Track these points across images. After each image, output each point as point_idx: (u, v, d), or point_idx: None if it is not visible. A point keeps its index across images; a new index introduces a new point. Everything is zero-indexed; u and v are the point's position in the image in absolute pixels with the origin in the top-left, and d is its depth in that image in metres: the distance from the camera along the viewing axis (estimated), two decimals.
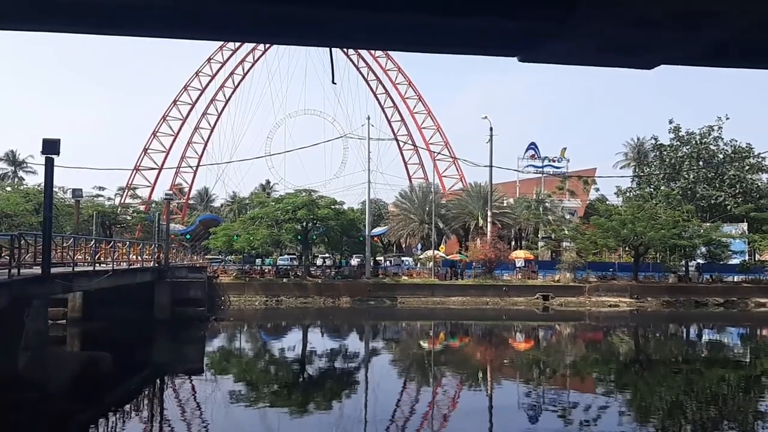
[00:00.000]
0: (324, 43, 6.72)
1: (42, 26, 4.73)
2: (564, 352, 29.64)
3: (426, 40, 5.89)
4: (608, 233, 50.77)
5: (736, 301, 48.76)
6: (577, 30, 5.75)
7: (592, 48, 6.54)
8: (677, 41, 6.25)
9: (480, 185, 64.45)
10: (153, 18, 4.49)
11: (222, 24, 4.73)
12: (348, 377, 22.40)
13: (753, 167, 68.04)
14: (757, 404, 18.77)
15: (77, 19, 4.37)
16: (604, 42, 6.25)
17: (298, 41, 5.95)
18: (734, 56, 9.17)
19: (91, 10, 4.25)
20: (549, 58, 7.67)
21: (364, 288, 47.94)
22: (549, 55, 7.21)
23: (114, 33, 5.02)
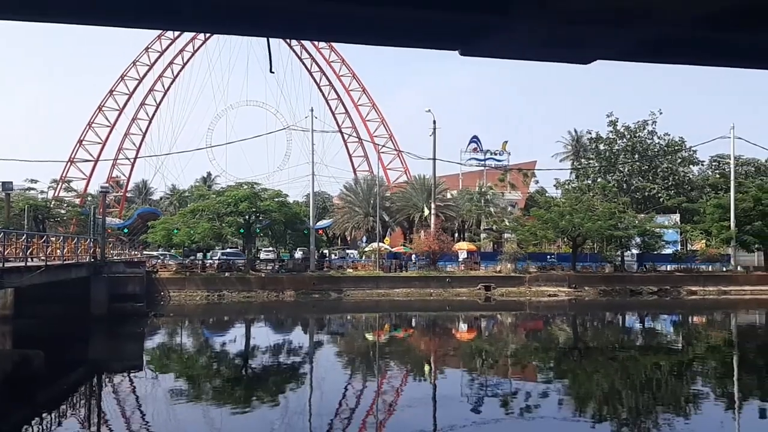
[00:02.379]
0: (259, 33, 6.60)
1: None
2: (505, 341, 30.25)
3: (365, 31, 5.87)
4: (547, 225, 51.99)
5: (669, 290, 50.70)
6: (515, 24, 5.83)
7: (530, 43, 6.65)
8: (612, 37, 6.41)
9: (424, 178, 64.96)
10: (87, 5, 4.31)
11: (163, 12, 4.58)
12: (293, 371, 22.28)
13: (685, 160, 70.82)
14: (689, 388, 19.57)
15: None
16: (542, 37, 6.35)
17: (234, 30, 5.84)
18: (668, 52, 9.48)
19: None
20: (489, 52, 7.76)
21: (309, 281, 47.71)
22: (489, 50, 7.30)
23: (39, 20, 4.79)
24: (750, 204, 53.83)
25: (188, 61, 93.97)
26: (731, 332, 34.70)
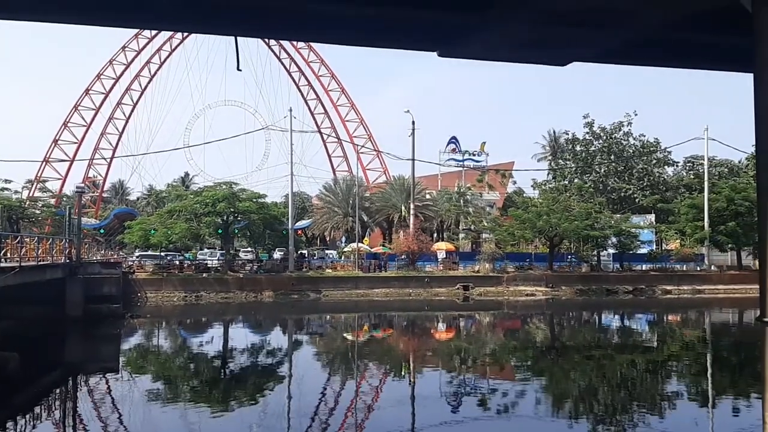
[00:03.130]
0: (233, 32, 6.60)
1: None
2: (484, 341, 30.42)
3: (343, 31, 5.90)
4: (525, 225, 52.42)
5: (644, 289, 51.40)
6: (493, 25, 5.90)
7: (507, 44, 6.73)
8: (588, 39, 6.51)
9: (403, 178, 65.12)
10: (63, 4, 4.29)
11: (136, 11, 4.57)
12: (271, 372, 22.20)
13: (660, 161, 71.82)
14: (664, 386, 19.86)
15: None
16: (519, 38, 6.43)
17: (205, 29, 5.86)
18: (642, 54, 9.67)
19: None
20: (467, 54, 7.85)
21: (287, 282, 47.55)
22: (467, 51, 7.38)
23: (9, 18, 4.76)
24: (723, 204, 54.73)
25: (165, 60, 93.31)
26: (705, 331, 35.25)
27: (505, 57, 9.00)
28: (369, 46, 7.69)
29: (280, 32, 9.94)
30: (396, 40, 7.95)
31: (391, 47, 8.96)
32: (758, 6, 7.64)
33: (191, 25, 5.82)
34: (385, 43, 8.49)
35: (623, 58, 9.14)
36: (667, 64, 11.41)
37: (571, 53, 8.03)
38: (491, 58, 8.47)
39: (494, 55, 8.89)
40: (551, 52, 7.97)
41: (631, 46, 7.92)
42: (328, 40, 6.58)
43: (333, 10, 5.23)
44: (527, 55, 7.97)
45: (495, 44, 7.34)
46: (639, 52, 8.42)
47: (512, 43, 7.12)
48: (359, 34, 6.95)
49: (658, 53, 8.76)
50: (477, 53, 7.83)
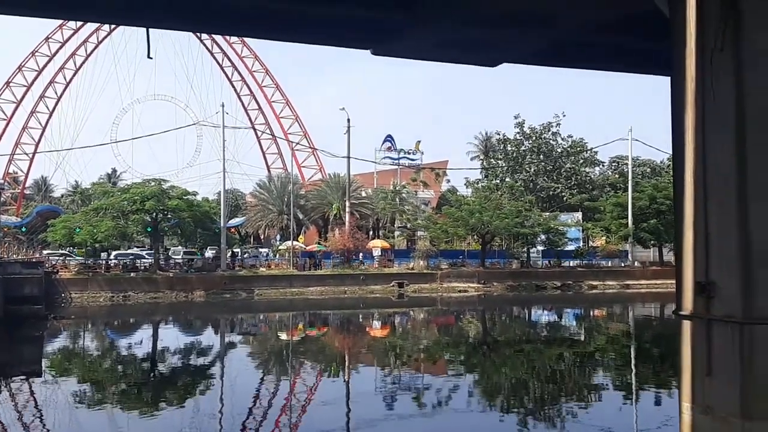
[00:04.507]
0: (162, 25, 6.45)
1: None
2: (418, 337, 30.75)
3: (275, 27, 5.85)
4: (458, 222, 53.25)
5: (571, 284, 53.06)
6: (424, 26, 5.98)
7: (438, 45, 6.83)
8: (513, 41, 6.68)
9: (339, 176, 65.01)
10: None
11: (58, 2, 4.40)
12: (203, 373, 21.79)
13: (587, 161, 74.25)
14: (591, 379, 20.57)
15: None
16: (449, 39, 6.54)
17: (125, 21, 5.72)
18: (568, 57, 9.97)
19: None
20: (399, 53, 7.92)
21: (219, 281, 46.72)
22: (400, 50, 7.45)
23: None
24: (646, 202, 57.06)
25: (92, 53, 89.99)
26: (629, 324, 36.71)
27: (436, 57, 9.13)
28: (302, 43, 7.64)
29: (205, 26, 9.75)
30: (329, 37, 7.94)
31: (324, 44, 8.94)
32: (675, 11, 8.01)
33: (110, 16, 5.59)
34: (318, 40, 8.46)
35: (549, 60, 9.44)
36: (591, 67, 11.82)
37: (499, 55, 8.22)
38: (423, 58, 8.58)
39: (426, 55, 9.01)
40: (481, 54, 8.14)
41: (555, 48, 8.17)
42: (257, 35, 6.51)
43: (261, 4, 5.18)
44: (458, 55, 8.12)
45: (426, 44, 7.44)
46: (563, 54, 8.71)
47: (443, 44, 7.24)
48: (291, 30, 6.90)
49: (581, 56, 9.09)
50: (409, 52, 7.92)
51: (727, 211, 7.48)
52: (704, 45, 7.65)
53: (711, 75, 7.53)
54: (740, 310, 7.30)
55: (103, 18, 7.19)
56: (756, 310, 7.22)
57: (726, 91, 7.45)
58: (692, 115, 7.82)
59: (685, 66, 7.88)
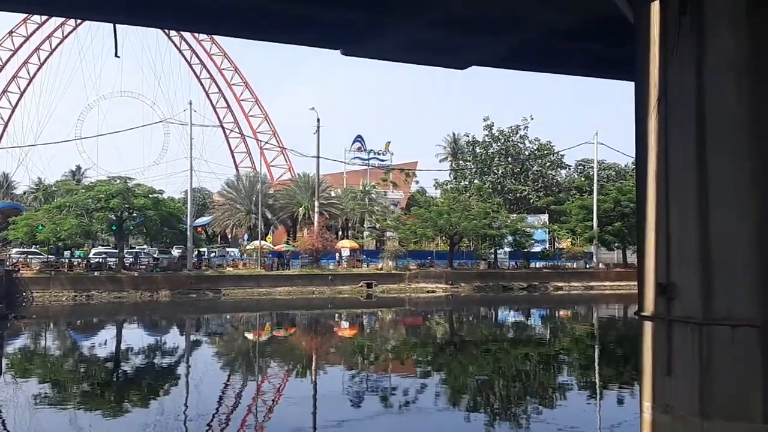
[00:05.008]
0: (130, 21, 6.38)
1: None
2: (386, 337, 30.80)
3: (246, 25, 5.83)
4: (427, 223, 53.50)
5: (537, 285, 53.73)
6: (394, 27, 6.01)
7: (408, 46, 6.87)
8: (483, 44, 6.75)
9: (308, 176, 64.77)
10: None
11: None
12: (168, 373, 21.52)
13: (553, 164, 75.21)
14: (555, 378, 20.84)
15: None
16: (419, 40, 6.59)
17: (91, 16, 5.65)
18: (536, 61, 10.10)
19: None
20: (369, 53, 7.94)
21: (186, 280, 46.16)
22: (369, 51, 7.47)
23: None
24: (611, 205, 58.02)
25: (57, 48, 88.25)
26: (593, 325, 37.27)
27: (406, 58, 9.18)
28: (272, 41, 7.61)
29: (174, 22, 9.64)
30: (299, 36, 7.92)
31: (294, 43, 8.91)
32: (639, 17, 8.18)
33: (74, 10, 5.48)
34: (288, 39, 8.43)
35: (516, 63, 9.57)
36: (558, 71, 12.00)
37: (468, 57, 8.30)
38: (393, 59, 8.61)
39: (396, 56, 9.06)
40: (450, 56, 8.22)
41: (522, 52, 8.30)
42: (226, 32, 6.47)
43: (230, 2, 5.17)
44: (427, 57, 8.18)
45: (396, 45, 7.48)
46: (530, 58, 8.84)
47: (413, 45, 7.29)
48: (260, 28, 6.87)
49: (548, 60, 9.23)
50: (379, 53, 7.94)
51: (687, 215, 7.66)
52: (667, 51, 7.83)
53: (673, 81, 7.71)
54: (700, 312, 7.48)
55: (70, 12, 7.05)
56: (715, 311, 7.41)
57: (687, 97, 7.63)
58: (655, 120, 7.99)
59: (649, 71, 8.06)
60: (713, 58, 7.41)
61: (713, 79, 7.46)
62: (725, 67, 7.37)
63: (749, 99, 7.30)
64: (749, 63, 7.28)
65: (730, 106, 7.39)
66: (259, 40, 8.96)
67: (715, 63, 7.41)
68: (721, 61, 7.39)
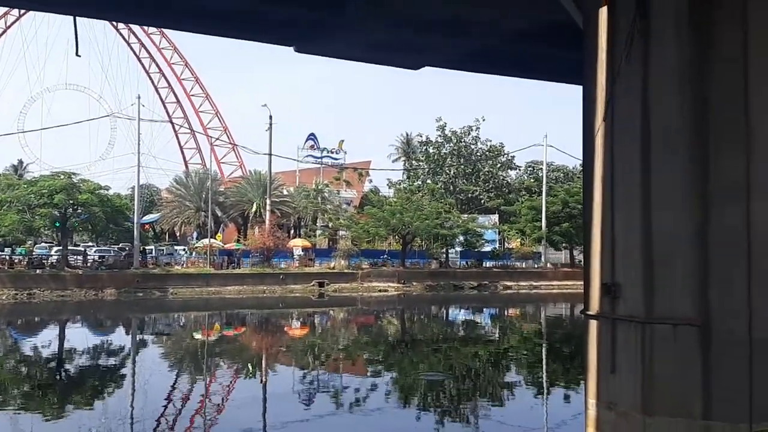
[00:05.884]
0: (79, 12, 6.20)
1: None
2: (337, 337, 30.75)
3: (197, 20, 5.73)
4: (380, 222, 53.65)
5: (487, 284, 54.49)
6: (348, 26, 6.01)
7: (362, 45, 6.87)
8: (437, 46, 6.80)
9: (260, 173, 64.13)
10: None
11: None
12: (113, 374, 21.00)
13: (504, 165, 76.32)
14: (504, 376, 21.17)
15: None
16: (373, 40, 6.59)
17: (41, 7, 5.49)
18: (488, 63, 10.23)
19: None
20: (323, 51, 7.91)
21: (132, 279, 45.14)
22: (323, 48, 7.44)
23: None
24: (559, 207, 59.25)
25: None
26: (540, 323, 37.99)
27: (360, 57, 9.18)
28: (224, 36, 7.50)
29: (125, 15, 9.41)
30: (252, 32, 7.83)
31: (247, 39, 8.81)
32: (587, 23, 8.38)
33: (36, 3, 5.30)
34: (240, 35, 8.32)
35: (470, 65, 9.68)
36: (510, 74, 12.17)
37: (423, 58, 8.37)
38: (347, 57, 8.61)
39: (349, 55, 9.04)
40: (405, 56, 8.26)
41: (476, 54, 8.41)
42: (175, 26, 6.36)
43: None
44: (381, 56, 8.20)
45: (350, 44, 7.47)
46: (483, 61, 8.96)
47: (367, 44, 7.29)
48: (213, 23, 6.77)
49: (500, 63, 9.37)
50: (333, 51, 7.93)
51: (631, 216, 7.87)
52: (614, 56, 8.03)
53: (620, 86, 7.92)
54: (642, 310, 7.70)
55: (32, 4, 6.74)
56: (656, 310, 7.64)
57: (633, 102, 7.84)
58: (602, 125, 8.19)
59: (596, 76, 8.25)
60: (658, 64, 7.63)
61: (658, 85, 7.68)
62: (669, 74, 7.59)
63: (691, 105, 7.55)
64: (692, 70, 7.52)
65: (673, 112, 7.62)
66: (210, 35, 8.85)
67: (660, 69, 7.63)
68: (665, 68, 7.61)
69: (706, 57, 7.49)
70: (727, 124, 7.47)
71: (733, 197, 7.37)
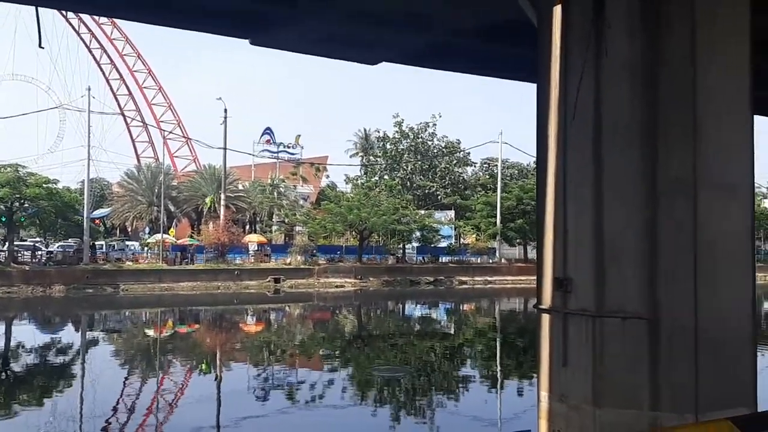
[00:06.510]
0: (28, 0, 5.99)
1: None
2: (293, 333, 30.57)
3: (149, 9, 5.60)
4: (337, 218, 53.52)
5: (443, 280, 54.96)
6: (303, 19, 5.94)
7: (317, 38, 6.81)
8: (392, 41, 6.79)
9: (215, 167, 63.23)
10: None
11: None
12: (61, 372, 20.43)
13: (460, 161, 77.04)
14: (459, 371, 21.36)
15: None
16: (328, 33, 6.54)
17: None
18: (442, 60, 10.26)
19: None
20: (278, 44, 7.80)
21: (82, 275, 44.00)
22: (279, 41, 7.34)
23: None
24: (513, 203, 60.11)
25: None
26: (495, 318, 38.49)
27: (317, 51, 9.10)
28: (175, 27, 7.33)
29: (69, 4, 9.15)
30: (205, 24, 7.68)
31: (201, 30, 8.64)
32: (542, 21, 8.48)
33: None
34: (194, 26, 8.16)
35: (426, 61, 9.70)
36: (467, 71, 12.27)
37: (379, 53, 8.34)
38: (303, 51, 8.52)
39: (307, 48, 8.96)
40: (362, 51, 8.22)
41: (432, 50, 8.42)
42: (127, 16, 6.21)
43: None
44: (337, 51, 8.14)
45: (304, 37, 7.39)
46: (440, 57, 8.99)
47: (321, 38, 7.23)
48: (164, 13, 6.61)
49: (457, 60, 9.42)
50: (288, 44, 7.83)
51: (583, 212, 8.00)
52: (567, 55, 8.14)
53: (572, 83, 8.03)
54: (593, 304, 7.84)
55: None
56: (607, 304, 7.78)
57: (586, 99, 7.96)
58: (555, 122, 8.30)
59: (550, 74, 8.36)
60: (610, 60, 7.75)
61: (610, 81, 7.80)
62: (621, 70, 7.73)
63: (642, 102, 7.70)
64: (643, 65, 7.67)
65: (624, 107, 7.76)
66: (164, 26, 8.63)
67: (612, 65, 7.76)
68: (617, 64, 7.74)
69: (656, 53, 7.64)
70: (676, 119, 7.63)
71: (681, 192, 7.54)
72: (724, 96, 7.72)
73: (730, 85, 7.77)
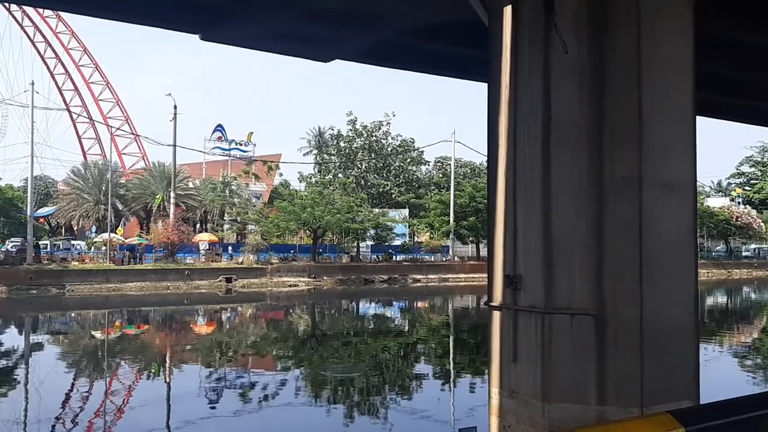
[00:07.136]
0: None
1: None
2: (245, 333, 30.22)
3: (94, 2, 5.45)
4: (290, 217, 53.13)
5: (398, 278, 55.17)
6: (254, 15, 5.86)
7: (268, 34, 6.73)
8: (344, 38, 6.76)
9: (164, 165, 62.00)
10: None
11: None
12: (3, 378, 19.72)
13: (414, 160, 77.45)
14: (413, 368, 21.45)
15: None
16: (279, 30, 6.47)
17: None
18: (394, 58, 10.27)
19: None
20: (229, 40, 7.69)
21: (25, 275, 42.62)
22: (229, 37, 7.23)
23: None
24: (466, 201, 60.73)
25: None
26: (448, 315, 38.82)
27: (269, 48, 9.01)
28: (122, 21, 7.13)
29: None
30: (153, 18, 7.51)
31: (148, 25, 8.43)
32: (493, 21, 8.56)
33: None
34: (141, 21, 7.97)
35: (379, 60, 9.71)
36: (419, 69, 12.31)
37: (331, 51, 8.30)
38: (254, 47, 8.41)
39: (258, 45, 8.85)
40: (313, 48, 8.16)
41: (384, 49, 8.43)
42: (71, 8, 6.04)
43: None
44: (289, 47, 8.07)
45: (259, 34, 7.30)
46: (392, 55, 9.01)
47: (272, 34, 7.14)
48: (110, 6, 6.43)
49: (409, 58, 9.46)
50: (239, 40, 7.72)
51: (532, 210, 8.12)
52: (518, 54, 8.25)
53: (522, 84, 8.15)
54: (542, 301, 7.96)
55: None
56: (555, 301, 7.92)
57: (535, 100, 8.08)
58: (505, 122, 8.40)
59: (501, 74, 8.45)
60: (558, 60, 7.88)
61: (559, 83, 7.93)
62: (569, 72, 7.87)
63: (589, 103, 7.85)
64: (591, 68, 7.82)
65: (573, 110, 7.90)
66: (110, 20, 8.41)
67: (560, 65, 7.89)
68: (565, 66, 7.88)
69: (602, 53, 7.80)
70: (621, 119, 7.79)
71: (627, 190, 7.71)
72: (668, 96, 7.93)
73: (674, 86, 7.97)
